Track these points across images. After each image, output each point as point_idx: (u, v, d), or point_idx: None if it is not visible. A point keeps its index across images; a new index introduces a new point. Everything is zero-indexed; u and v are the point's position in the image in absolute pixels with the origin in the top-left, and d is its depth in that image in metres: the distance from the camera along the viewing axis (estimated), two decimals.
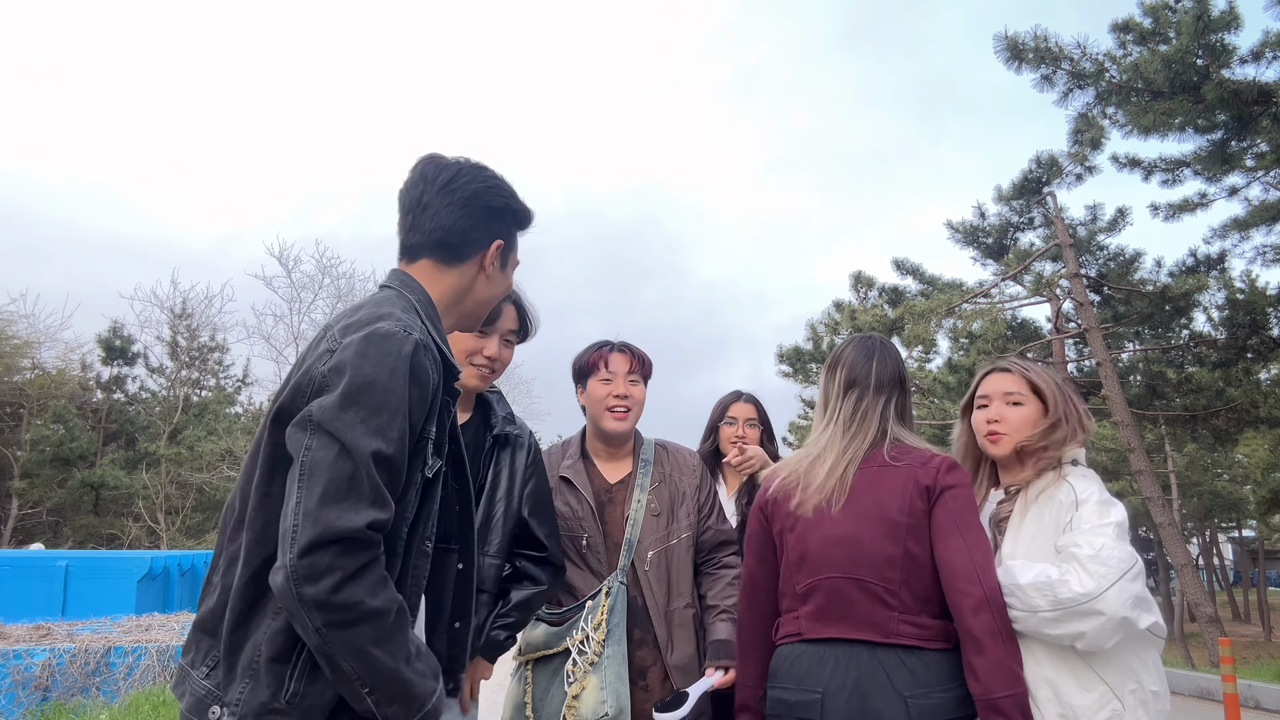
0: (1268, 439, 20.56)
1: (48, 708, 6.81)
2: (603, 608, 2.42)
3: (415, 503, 1.49)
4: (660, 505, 2.60)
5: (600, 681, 2.32)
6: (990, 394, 2.15)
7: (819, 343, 23.55)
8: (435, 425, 1.50)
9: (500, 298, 1.79)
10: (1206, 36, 10.71)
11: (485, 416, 2.34)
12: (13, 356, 25.41)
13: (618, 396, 2.59)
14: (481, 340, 2.22)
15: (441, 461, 1.56)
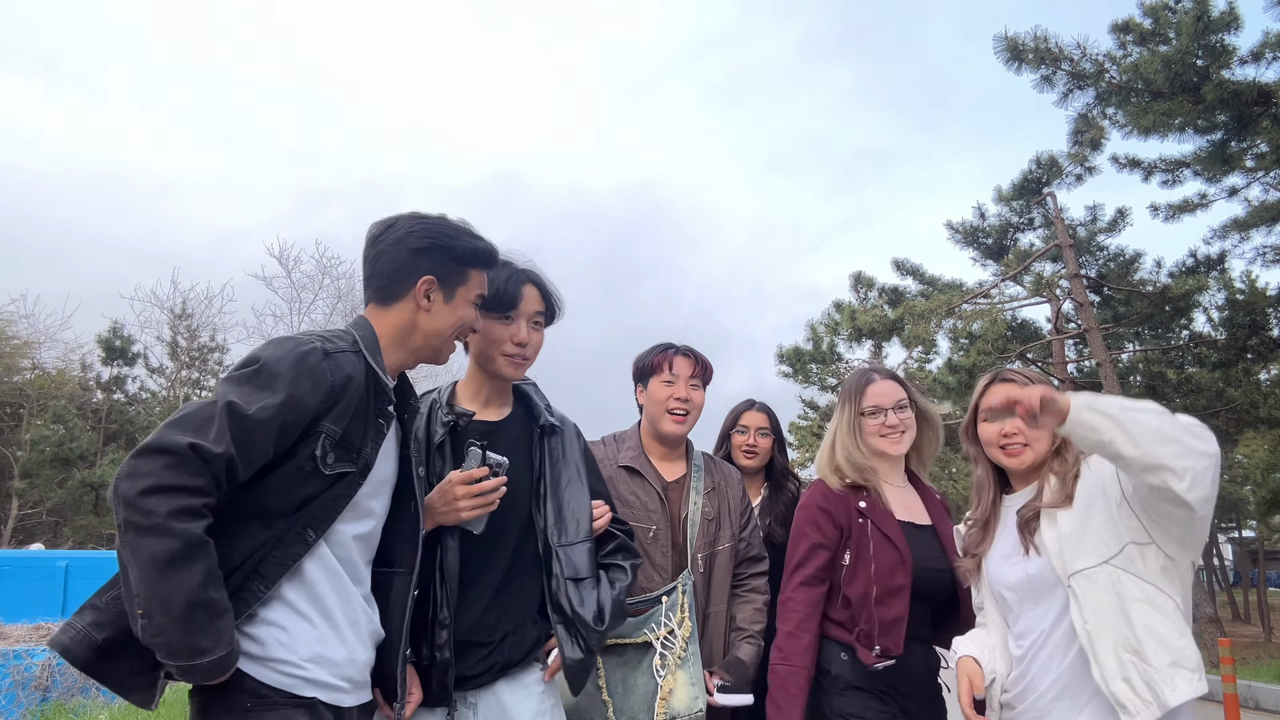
0: (1268, 439, 20.57)
1: (48, 708, 6.82)
2: (682, 605, 2.46)
3: (297, 485, 1.66)
4: (712, 510, 2.65)
5: (690, 677, 2.37)
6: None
7: (819, 343, 23.55)
8: (342, 426, 1.70)
9: (456, 326, 1.93)
10: (1206, 37, 10.70)
11: (528, 408, 2.29)
12: (13, 357, 25.42)
13: (679, 399, 2.64)
14: (508, 326, 2.18)
15: (352, 468, 1.72)
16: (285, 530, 1.66)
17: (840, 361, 25.47)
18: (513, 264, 2.21)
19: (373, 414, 1.78)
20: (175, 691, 7.25)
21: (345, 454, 1.72)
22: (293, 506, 1.67)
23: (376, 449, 1.80)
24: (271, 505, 1.65)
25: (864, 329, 16.60)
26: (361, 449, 1.75)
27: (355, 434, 1.74)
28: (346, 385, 1.71)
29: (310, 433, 1.67)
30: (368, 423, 1.77)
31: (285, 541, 1.66)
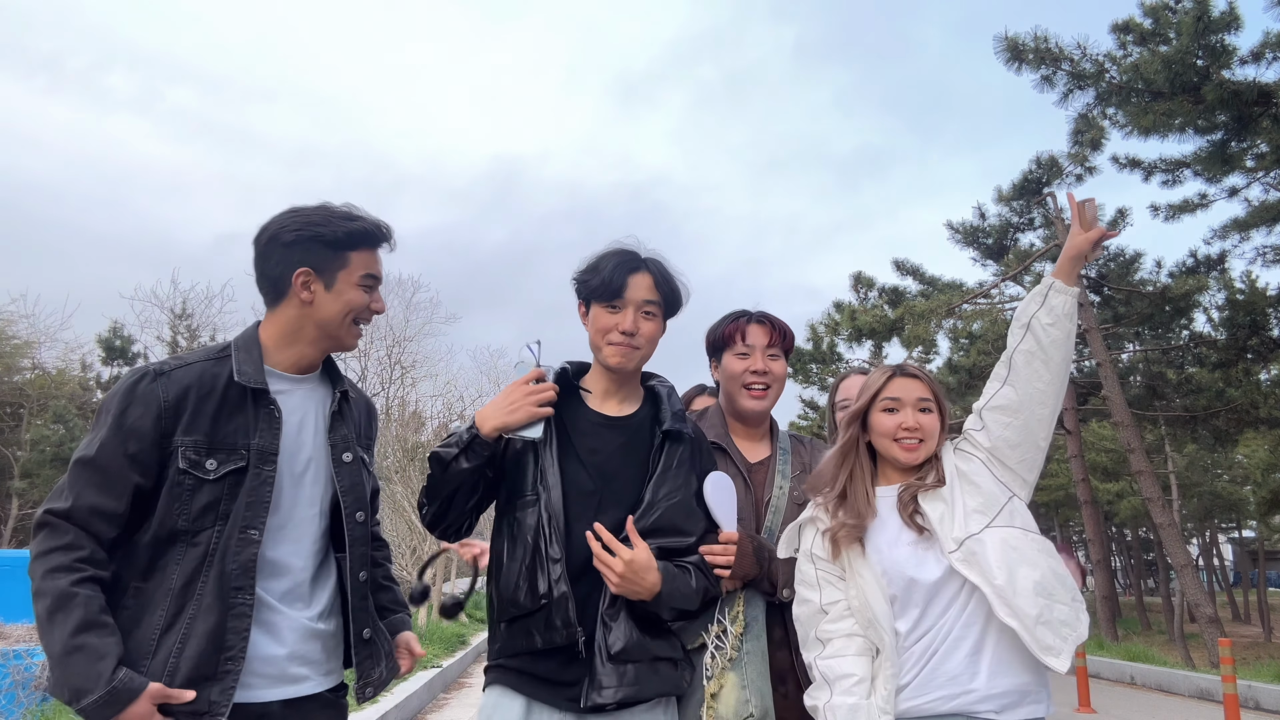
0: (1268, 439, 20.57)
1: (48, 708, 6.81)
2: (739, 599, 2.22)
3: (191, 498, 1.77)
4: (802, 495, 2.35)
5: (741, 679, 2.14)
6: (901, 398, 2.15)
7: (819, 343, 23.56)
8: (203, 433, 1.79)
9: (346, 311, 1.92)
10: (1207, 37, 10.71)
11: (655, 411, 2.19)
12: (13, 356, 25.44)
13: (755, 373, 2.39)
14: (614, 315, 2.09)
15: (242, 462, 1.81)
16: (211, 536, 1.77)
17: (840, 361, 25.48)
18: (627, 253, 2.14)
19: (252, 408, 1.85)
20: None
21: (228, 454, 1.80)
22: (202, 520, 1.77)
23: (271, 436, 1.85)
24: (178, 525, 1.76)
25: (864, 329, 16.60)
26: (247, 444, 1.82)
27: (233, 430, 1.82)
28: (185, 396, 1.80)
29: (169, 449, 1.77)
30: (248, 415, 1.84)
31: (220, 548, 1.76)
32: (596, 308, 2.12)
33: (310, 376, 2.01)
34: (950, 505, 2.03)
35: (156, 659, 1.71)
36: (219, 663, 1.73)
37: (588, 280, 2.13)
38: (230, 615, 1.75)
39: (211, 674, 1.73)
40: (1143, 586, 37.96)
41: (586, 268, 2.16)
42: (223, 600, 1.75)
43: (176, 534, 1.76)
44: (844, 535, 2.06)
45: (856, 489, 2.12)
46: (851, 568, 2.06)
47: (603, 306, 2.11)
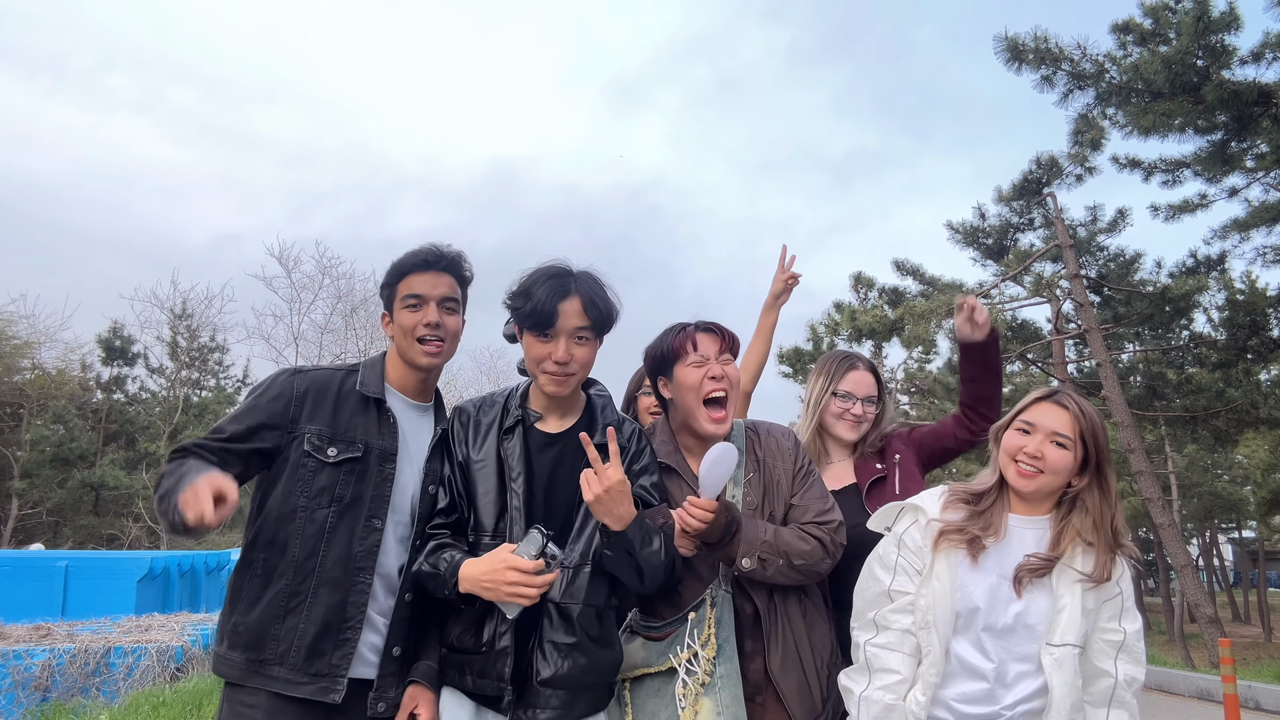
0: (1268, 440, 20.57)
1: (48, 708, 6.81)
2: (709, 620, 2.14)
3: (309, 479, 2.05)
4: (756, 496, 2.27)
5: (715, 705, 2.08)
6: (1037, 424, 2.03)
7: (819, 343, 23.54)
8: (325, 424, 2.09)
9: (402, 334, 2.18)
10: (1207, 37, 10.71)
11: (590, 425, 2.18)
12: (13, 357, 25.44)
13: (714, 379, 2.25)
14: (547, 345, 2.08)
15: (357, 452, 2.09)
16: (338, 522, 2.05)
17: None
18: (558, 274, 2.11)
19: (371, 411, 2.16)
20: (175, 692, 7.15)
21: (347, 445, 2.09)
22: (319, 499, 2.05)
23: (390, 438, 2.14)
24: (297, 503, 2.04)
25: (864, 329, 16.59)
26: (366, 439, 2.11)
27: (352, 427, 2.12)
28: (311, 392, 2.13)
29: (295, 434, 2.09)
30: (369, 418, 2.14)
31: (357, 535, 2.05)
32: (529, 336, 2.11)
33: (424, 406, 2.28)
34: (1076, 600, 1.97)
35: (286, 623, 1.97)
36: (340, 631, 1.99)
37: (520, 307, 2.10)
38: (352, 591, 2.02)
39: (333, 641, 1.98)
40: (1143, 587, 37.96)
41: (518, 291, 2.13)
42: (347, 578, 2.01)
43: (295, 510, 2.03)
44: (961, 541, 2.01)
45: (997, 506, 2.07)
46: (933, 569, 2.01)
47: (532, 335, 2.10)
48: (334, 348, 23.94)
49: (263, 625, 1.97)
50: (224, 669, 1.99)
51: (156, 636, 8.19)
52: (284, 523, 2.03)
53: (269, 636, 1.97)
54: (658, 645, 2.19)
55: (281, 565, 2.01)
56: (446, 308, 2.19)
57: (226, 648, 2.00)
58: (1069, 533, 2.00)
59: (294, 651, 1.96)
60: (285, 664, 1.95)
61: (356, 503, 2.06)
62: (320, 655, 1.97)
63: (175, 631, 8.54)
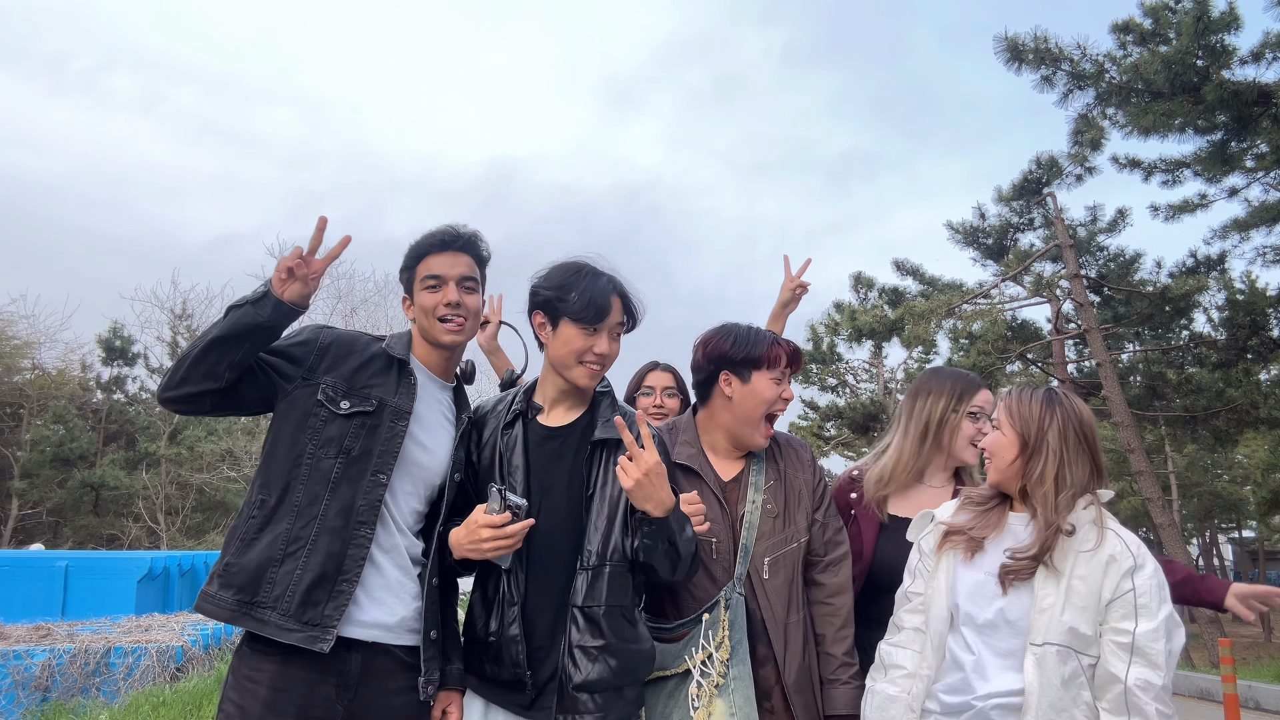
0: (1268, 440, 20.57)
1: (48, 708, 6.81)
2: (723, 623, 2.17)
3: (320, 427, 2.05)
4: (776, 505, 2.31)
5: (729, 706, 2.10)
6: (984, 407, 2.17)
7: (819, 343, 23.56)
8: (339, 376, 2.10)
9: (424, 313, 2.19)
10: (1207, 37, 10.71)
11: (592, 418, 2.20)
12: (13, 357, 25.44)
13: (786, 399, 2.36)
14: (591, 338, 2.12)
15: (369, 406, 2.08)
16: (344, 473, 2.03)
17: (840, 361, 25.47)
18: (602, 272, 2.17)
19: (393, 372, 2.16)
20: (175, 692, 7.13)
21: (360, 399, 2.09)
22: (327, 449, 2.04)
23: (406, 398, 2.13)
24: (305, 449, 2.03)
25: (864, 329, 16.60)
26: (381, 396, 2.11)
27: (369, 384, 2.11)
28: (335, 345, 2.14)
29: (314, 383, 2.08)
30: (388, 379, 2.14)
31: (362, 489, 2.03)
32: (571, 327, 2.11)
33: (447, 385, 2.29)
34: (1060, 598, 1.94)
35: (284, 567, 1.94)
36: (335, 582, 1.96)
37: (564, 298, 2.11)
38: (351, 544, 1.99)
39: (328, 591, 1.94)
40: None
41: (559, 284, 2.13)
42: (347, 529, 1.99)
43: (302, 456, 2.02)
44: (959, 541, 2.06)
45: (999, 505, 2.11)
46: (937, 569, 2.08)
47: (579, 327, 2.11)
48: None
49: (259, 567, 1.94)
50: (210, 608, 1.94)
51: (156, 636, 8.19)
52: (290, 468, 2.02)
53: (264, 579, 1.93)
54: (672, 647, 2.19)
55: (282, 509, 1.99)
56: (466, 287, 2.19)
57: (217, 587, 1.95)
58: (1044, 531, 2.00)
59: (288, 596, 1.92)
60: (277, 609, 1.91)
61: (364, 456, 2.04)
62: (314, 604, 1.93)
63: (175, 631, 8.54)
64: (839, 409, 22.32)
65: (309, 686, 1.92)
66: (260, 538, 1.97)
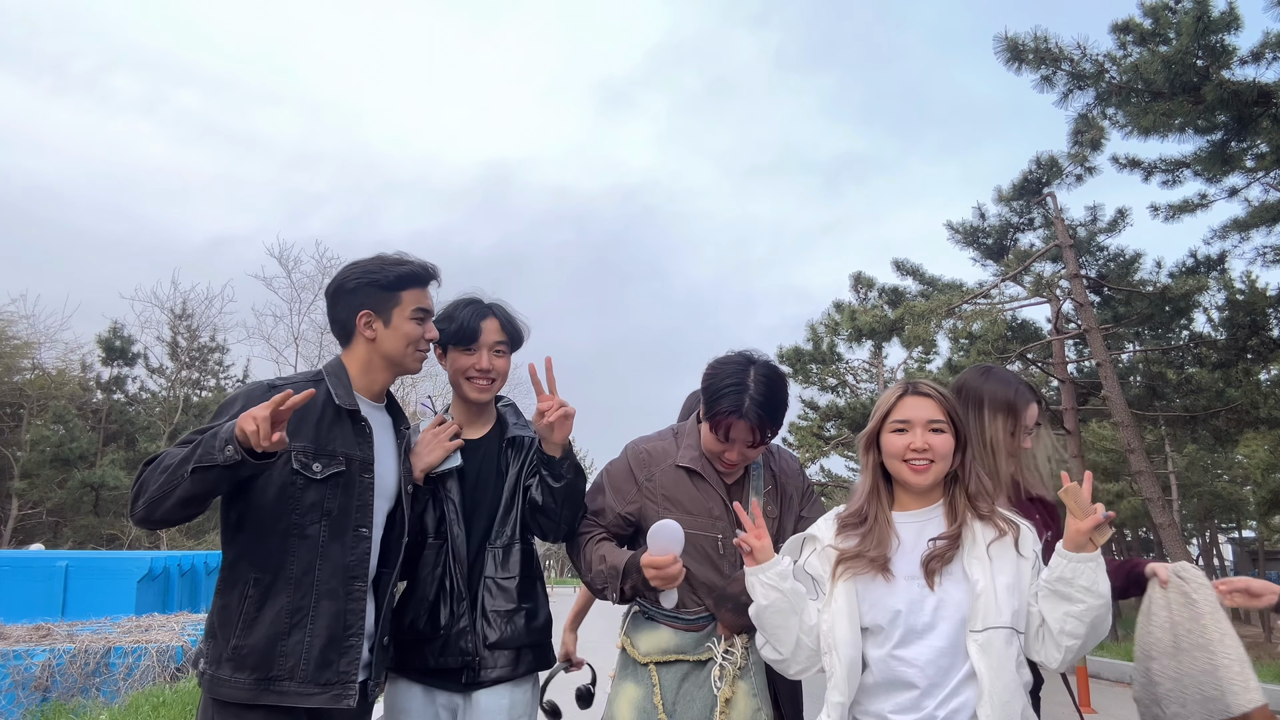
0: (1268, 440, 20.57)
1: (48, 708, 6.82)
2: None
3: (299, 495, 2.07)
4: (775, 509, 2.47)
5: (751, 688, 2.23)
6: (911, 419, 2.09)
7: (819, 343, 23.55)
8: (308, 440, 2.11)
9: (405, 343, 2.26)
10: (1207, 37, 10.70)
11: (501, 429, 2.59)
12: (13, 357, 25.44)
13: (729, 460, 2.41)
14: (470, 356, 2.48)
15: (342, 466, 2.13)
16: (328, 535, 2.09)
17: (840, 362, 25.46)
18: (475, 301, 2.54)
19: (347, 422, 2.19)
20: (175, 692, 7.15)
21: (330, 459, 2.13)
22: (310, 515, 2.08)
23: (368, 448, 2.20)
24: (291, 520, 2.07)
25: (864, 329, 16.59)
26: (346, 452, 2.16)
27: (332, 440, 2.15)
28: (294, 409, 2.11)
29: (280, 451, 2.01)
30: (345, 430, 2.18)
31: (348, 545, 2.11)
32: (454, 351, 2.49)
33: (380, 405, 2.36)
34: (989, 580, 1.96)
35: (292, 639, 2.01)
36: (345, 639, 2.06)
37: (444, 329, 2.47)
38: (349, 600, 2.09)
39: (338, 650, 2.05)
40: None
41: (444, 318, 2.50)
42: (345, 587, 2.08)
43: (289, 529, 2.06)
44: (864, 566, 2.03)
45: (879, 517, 2.09)
46: (832, 593, 2.04)
47: (459, 350, 2.48)
48: (334, 348, 23.94)
49: (269, 643, 2.00)
50: (230, 692, 1.98)
51: (156, 636, 8.19)
52: (277, 540, 2.06)
53: (276, 654, 2.00)
54: (693, 635, 2.33)
55: (279, 583, 2.04)
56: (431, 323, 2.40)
57: (231, 671, 1.99)
58: (959, 509, 2.06)
59: (303, 665, 2.01)
60: (295, 678, 2.00)
61: (344, 514, 2.12)
62: (329, 665, 2.03)
63: (175, 631, 8.54)
64: (839, 409, 22.32)
65: None
66: (263, 615, 2.02)
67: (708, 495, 2.40)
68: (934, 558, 1.99)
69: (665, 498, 2.41)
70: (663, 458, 2.48)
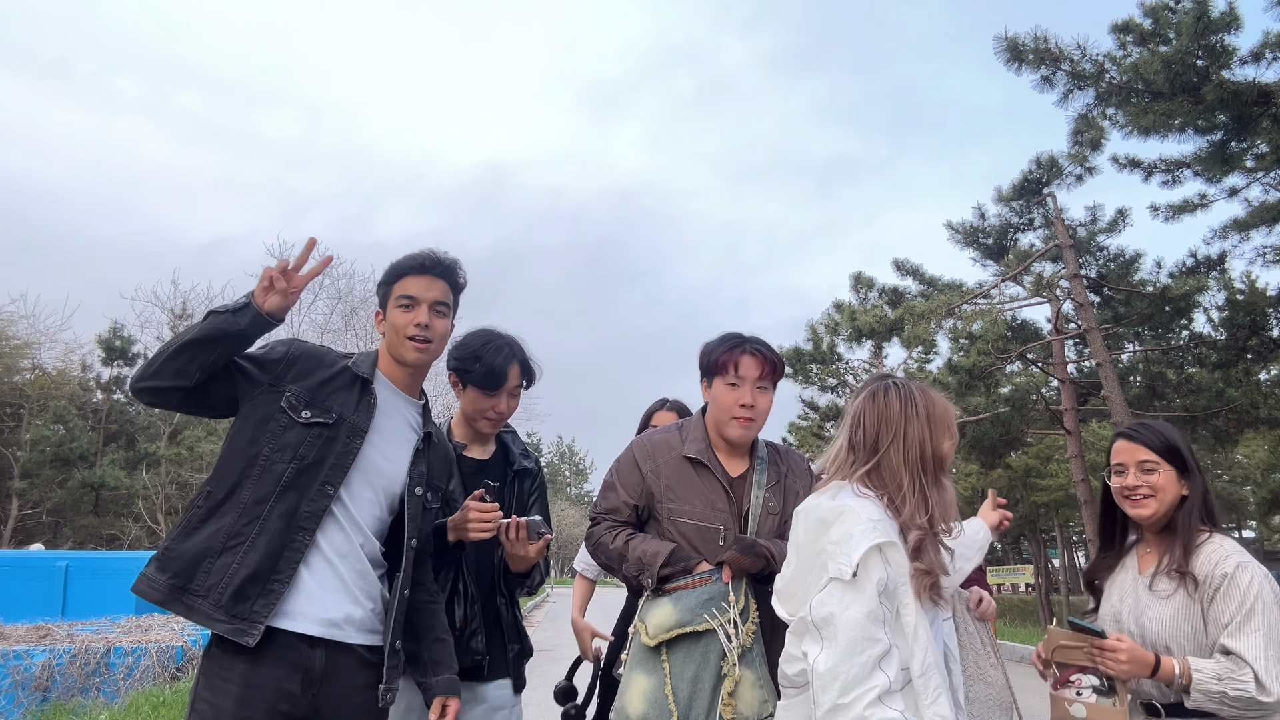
0: (1268, 440, 20.57)
1: (48, 708, 6.82)
2: (744, 590, 2.28)
3: (279, 433, 2.13)
4: (777, 504, 2.47)
5: (756, 676, 2.20)
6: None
7: (819, 343, 23.56)
8: (304, 386, 2.20)
9: (393, 330, 2.32)
10: (1206, 37, 10.70)
11: (505, 454, 2.83)
12: (13, 357, 25.44)
13: (744, 405, 2.45)
14: (491, 399, 2.66)
15: (328, 418, 2.18)
16: (294, 479, 2.10)
17: (840, 362, 25.45)
18: (498, 340, 2.69)
19: (356, 390, 2.25)
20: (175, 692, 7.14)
21: (321, 411, 2.17)
22: (282, 454, 2.11)
23: (365, 417, 2.22)
24: (261, 451, 2.11)
25: (864, 329, 16.60)
26: (341, 411, 2.20)
27: (331, 398, 2.20)
28: (300, 357, 2.25)
29: (279, 390, 2.17)
30: (350, 395, 2.23)
31: (308, 496, 2.11)
32: (474, 390, 2.65)
33: (413, 401, 2.39)
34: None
35: (220, 559, 2.02)
36: (268, 580, 2.03)
37: (467, 370, 2.63)
38: (289, 547, 2.06)
39: (259, 588, 2.02)
40: None
41: (466, 355, 2.64)
42: (286, 532, 2.07)
43: (257, 458, 2.10)
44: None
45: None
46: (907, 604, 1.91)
47: (480, 391, 2.64)
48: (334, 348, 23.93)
49: (196, 556, 2.02)
50: (145, 589, 2.03)
51: (156, 637, 8.19)
52: (243, 466, 2.10)
53: (199, 569, 2.02)
54: (689, 604, 2.27)
55: (228, 505, 2.07)
56: (437, 310, 2.33)
57: (155, 569, 2.04)
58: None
59: (220, 587, 2.00)
60: (209, 598, 2.00)
61: (316, 465, 2.13)
62: (244, 599, 2.00)
63: (175, 631, 8.54)
64: (839, 409, 22.32)
65: (277, 682, 2.01)
66: (202, 528, 2.06)
67: (711, 486, 2.43)
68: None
69: (669, 487, 2.44)
70: (667, 449, 2.52)
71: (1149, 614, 2.16)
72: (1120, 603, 2.26)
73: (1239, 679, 1.94)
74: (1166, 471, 2.23)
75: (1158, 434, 2.29)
